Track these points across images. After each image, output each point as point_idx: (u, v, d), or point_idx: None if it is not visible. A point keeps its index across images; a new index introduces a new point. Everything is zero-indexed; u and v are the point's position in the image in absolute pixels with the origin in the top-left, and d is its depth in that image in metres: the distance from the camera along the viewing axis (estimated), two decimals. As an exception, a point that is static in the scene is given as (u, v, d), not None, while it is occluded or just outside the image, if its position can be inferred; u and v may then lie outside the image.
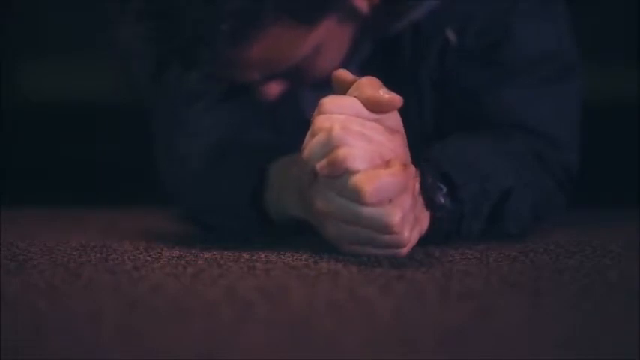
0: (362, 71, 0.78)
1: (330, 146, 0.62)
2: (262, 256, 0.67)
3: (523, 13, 0.83)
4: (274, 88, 0.81)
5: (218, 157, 0.81)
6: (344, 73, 0.65)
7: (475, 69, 0.83)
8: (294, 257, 0.67)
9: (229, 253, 0.69)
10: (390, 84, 0.65)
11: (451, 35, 0.83)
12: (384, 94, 0.63)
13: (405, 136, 0.65)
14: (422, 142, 0.79)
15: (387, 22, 0.82)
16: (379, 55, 0.85)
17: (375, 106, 0.63)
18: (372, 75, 0.65)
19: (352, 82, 0.65)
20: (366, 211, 0.61)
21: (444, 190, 0.71)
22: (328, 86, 0.67)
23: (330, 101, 0.64)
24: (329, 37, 0.77)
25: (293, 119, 0.82)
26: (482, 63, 0.83)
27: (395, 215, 0.61)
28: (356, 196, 0.61)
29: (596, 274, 0.62)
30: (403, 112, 0.65)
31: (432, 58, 0.84)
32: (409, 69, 0.84)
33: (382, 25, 0.82)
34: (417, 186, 0.66)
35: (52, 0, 1.55)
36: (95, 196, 1.20)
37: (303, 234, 0.72)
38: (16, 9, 1.55)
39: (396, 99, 0.63)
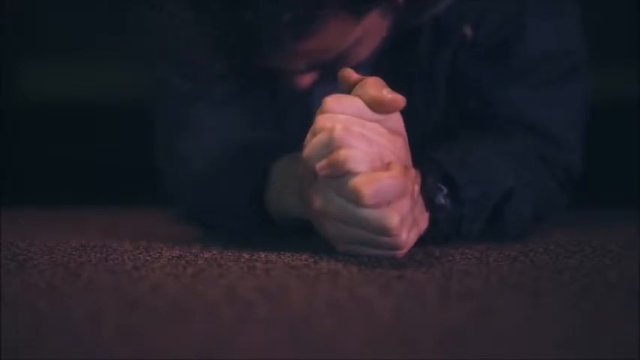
0: (376, 67, 0.78)
1: (331, 147, 0.62)
2: (262, 256, 0.67)
3: (536, 12, 0.83)
4: (307, 79, 0.80)
5: (219, 157, 0.81)
6: (349, 73, 0.65)
7: (484, 66, 0.83)
8: (294, 257, 0.67)
9: (229, 253, 0.69)
10: (402, 81, 0.64)
11: (468, 31, 0.82)
12: (388, 94, 0.63)
13: (406, 138, 0.65)
14: (427, 140, 0.79)
15: (412, 16, 0.82)
16: (395, 50, 0.84)
17: (378, 107, 0.63)
18: (386, 71, 0.65)
19: (357, 82, 0.64)
20: (365, 212, 0.62)
21: (445, 190, 0.71)
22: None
23: (332, 100, 0.64)
24: (370, 29, 0.76)
25: (301, 116, 0.81)
26: (492, 60, 0.83)
27: (393, 218, 0.61)
28: (355, 198, 0.61)
29: (596, 274, 0.62)
30: (412, 109, 0.65)
31: (447, 55, 0.83)
32: (424, 66, 0.84)
33: (406, 19, 0.82)
34: (417, 187, 0.66)
35: (52, 0, 1.55)
36: (95, 196, 1.20)
37: (303, 234, 0.72)
38: (16, 9, 1.55)
39: (399, 100, 0.63)
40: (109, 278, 0.59)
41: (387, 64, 0.80)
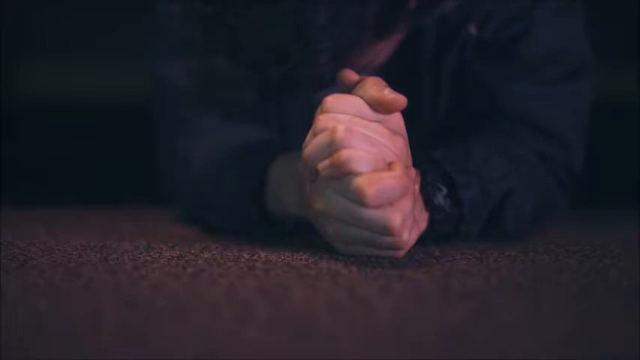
0: (383, 68, 0.77)
1: (332, 147, 0.62)
2: (262, 256, 0.67)
3: (544, 11, 0.83)
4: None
5: (219, 157, 0.81)
6: (349, 73, 0.65)
7: (491, 63, 0.83)
8: (294, 257, 0.67)
9: (229, 253, 0.69)
10: (408, 80, 0.64)
11: (472, 30, 0.82)
12: (389, 94, 0.63)
13: (406, 138, 0.65)
14: (429, 140, 0.79)
15: (419, 18, 0.81)
16: (401, 50, 0.84)
17: (379, 107, 0.63)
18: (392, 71, 0.65)
19: (357, 82, 0.64)
20: (367, 213, 0.61)
21: (444, 191, 0.71)
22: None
23: (333, 100, 0.64)
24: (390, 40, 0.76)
25: (302, 116, 0.81)
26: (499, 58, 0.83)
27: (395, 218, 0.61)
28: (358, 198, 0.61)
29: (596, 274, 0.62)
30: (419, 109, 0.65)
31: (453, 54, 0.83)
32: (430, 65, 0.84)
33: (414, 20, 0.81)
34: (417, 187, 0.66)
35: (52, 0, 1.56)
36: (95, 196, 1.20)
37: (303, 234, 0.72)
38: (16, 9, 1.55)
39: (400, 99, 0.63)
40: (109, 278, 0.59)
41: (394, 64, 0.79)
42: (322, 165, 0.62)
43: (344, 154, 0.61)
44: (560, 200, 0.84)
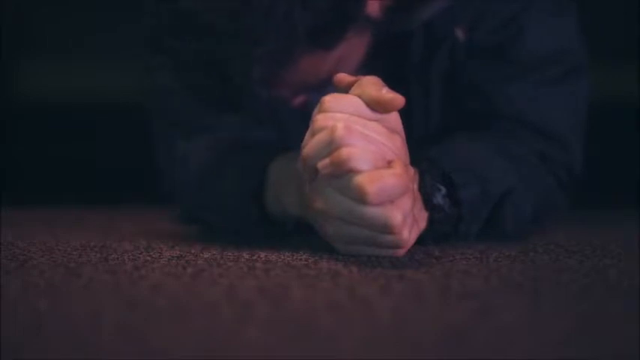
0: (370, 71, 0.78)
1: (332, 145, 0.62)
2: (262, 256, 0.67)
3: (537, 12, 0.83)
4: (299, 99, 0.80)
5: (218, 157, 0.81)
6: (344, 77, 0.65)
7: (486, 66, 0.83)
8: (294, 257, 0.67)
9: (229, 253, 0.69)
10: (397, 84, 0.64)
11: (460, 34, 0.82)
12: (387, 93, 0.63)
13: (404, 137, 0.65)
14: (425, 141, 0.79)
15: (396, 23, 0.81)
16: (388, 55, 0.84)
17: (377, 106, 0.63)
18: (380, 75, 0.65)
19: (353, 83, 0.64)
20: (368, 211, 0.61)
21: (443, 191, 0.71)
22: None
23: (331, 99, 0.64)
24: (349, 49, 0.76)
25: (300, 115, 0.81)
26: (494, 60, 0.83)
27: (396, 216, 0.61)
28: (359, 196, 0.61)
29: (596, 274, 0.62)
30: (409, 112, 0.65)
31: (441, 58, 0.83)
32: (419, 68, 0.84)
33: (391, 25, 0.81)
34: (416, 186, 0.66)
35: (52, 0, 1.56)
36: (95, 196, 1.20)
37: (303, 234, 0.72)
38: (16, 9, 1.55)
39: (399, 99, 0.63)
40: (109, 278, 0.59)
41: (381, 68, 0.80)
42: (322, 164, 0.62)
43: (344, 152, 0.61)
44: (560, 200, 0.84)
